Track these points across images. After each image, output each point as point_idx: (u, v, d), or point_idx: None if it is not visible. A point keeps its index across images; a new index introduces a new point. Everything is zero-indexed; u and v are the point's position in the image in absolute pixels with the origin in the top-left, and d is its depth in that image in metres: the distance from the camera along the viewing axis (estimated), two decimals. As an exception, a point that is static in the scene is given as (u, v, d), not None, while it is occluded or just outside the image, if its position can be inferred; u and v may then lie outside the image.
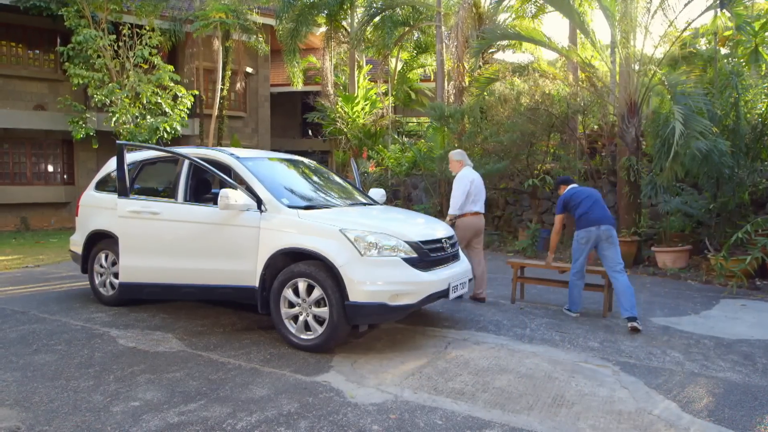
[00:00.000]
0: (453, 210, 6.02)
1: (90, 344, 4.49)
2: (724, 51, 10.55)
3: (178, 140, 14.62)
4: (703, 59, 10.47)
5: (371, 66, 18.73)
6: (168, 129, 12.59)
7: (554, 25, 56.35)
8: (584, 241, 5.45)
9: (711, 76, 9.35)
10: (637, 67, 9.09)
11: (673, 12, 8.90)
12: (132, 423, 3.10)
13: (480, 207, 6.13)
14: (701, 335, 4.99)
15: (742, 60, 9.54)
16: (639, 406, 3.43)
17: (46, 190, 15.07)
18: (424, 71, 19.91)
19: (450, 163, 6.44)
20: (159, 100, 12.77)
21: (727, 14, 9.01)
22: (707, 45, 11.28)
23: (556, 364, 4.17)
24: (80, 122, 13.45)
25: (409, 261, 4.36)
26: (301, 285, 4.35)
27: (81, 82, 12.47)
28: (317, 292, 4.29)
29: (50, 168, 15.35)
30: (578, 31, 10.65)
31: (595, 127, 11.74)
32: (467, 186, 6.01)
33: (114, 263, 5.71)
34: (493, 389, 3.65)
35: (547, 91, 10.83)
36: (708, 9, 8.77)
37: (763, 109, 8.43)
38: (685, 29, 9.51)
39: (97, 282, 5.89)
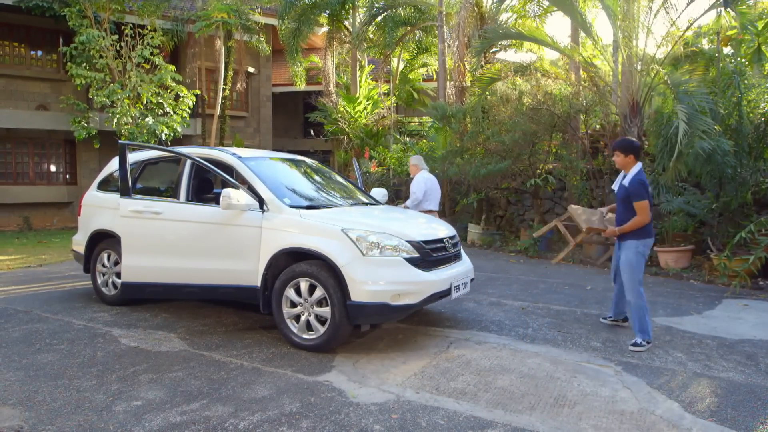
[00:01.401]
0: (410, 204, 6.95)
1: (92, 344, 4.50)
2: (726, 50, 10.53)
3: (180, 140, 14.64)
4: (705, 58, 10.44)
5: (373, 66, 18.74)
6: (167, 129, 12.60)
7: (556, 25, 56.28)
8: (645, 255, 4.71)
9: (714, 76, 9.32)
10: (639, 67, 9.08)
11: (675, 11, 8.91)
12: (134, 422, 3.10)
13: (434, 206, 7.14)
14: (703, 335, 4.98)
15: (744, 59, 9.51)
16: (641, 407, 3.42)
17: (49, 190, 15.10)
18: (426, 71, 19.92)
19: (409, 167, 7.55)
20: (161, 100, 12.78)
21: (731, 13, 9.00)
22: (710, 44, 11.25)
23: (558, 364, 4.16)
24: (82, 122, 13.47)
25: (410, 261, 4.36)
26: (303, 285, 4.36)
27: (83, 82, 12.49)
28: (319, 292, 4.29)
29: (53, 168, 15.38)
30: (580, 30, 10.63)
31: (598, 126, 11.71)
32: (423, 186, 7.04)
33: (116, 263, 5.72)
34: (495, 389, 3.65)
35: (549, 91, 10.82)
36: (711, 8, 8.76)
37: (766, 108, 8.41)
38: (687, 28, 9.50)
39: (99, 281, 5.90)
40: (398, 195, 14.18)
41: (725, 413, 3.35)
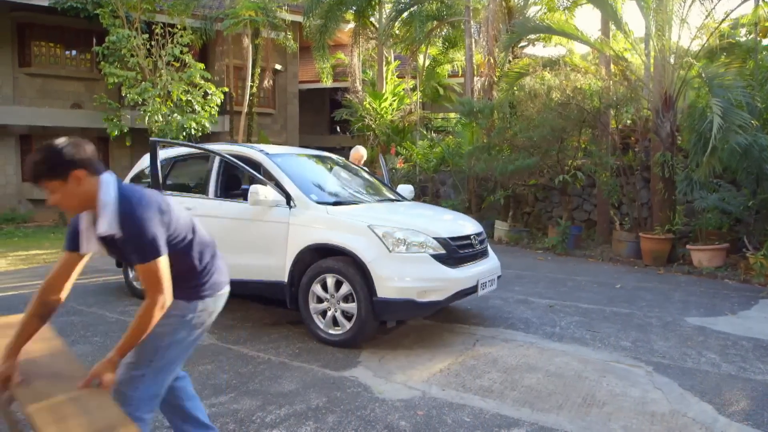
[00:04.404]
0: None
1: (125, 336, 4.60)
2: (765, 42, 10.18)
3: (209, 137, 14.86)
4: (742, 51, 10.10)
5: (399, 62, 18.68)
6: (197, 126, 12.80)
7: (586, 17, 55.27)
8: (197, 331, 2.38)
9: (751, 69, 9.03)
10: (672, 60, 8.84)
11: (710, 2, 8.63)
12: (165, 414, 3.16)
13: None
14: (738, 336, 4.84)
15: (784, 51, 9.19)
16: (673, 408, 3.35)
17: (83, 187, 15.48)
18: (453, 67, 19.74)
19: (357, 157, 7.59)
20: (190, 98, 12.99)
21: (769, 3, 8.69)
22: (747, 36, 10.88)
23: (587, 363, 4.10)
24: (115, 120, 13.78)
25: (437, 257, 4.34)
26: (330, 280, 4.38)
27: (116, 81, 12.77)
28: (345, 288, 4.31)
29: (87, 165, 15.76)
30: (611, 23, 10.41)
31: (629, 122, 11.45)
32: None
33: (147, 258, 5.83)
34: (521, 387, 3.62)
35: (579, 86, 10.61)
36: (748, -2, 8.48)
37: (806, 102, 8.11)
38: (723, 20, 9.20)
39: (131, 276, 6.03)
40: (424, 191, 14.13)
41: (761, 416, 3.25)
